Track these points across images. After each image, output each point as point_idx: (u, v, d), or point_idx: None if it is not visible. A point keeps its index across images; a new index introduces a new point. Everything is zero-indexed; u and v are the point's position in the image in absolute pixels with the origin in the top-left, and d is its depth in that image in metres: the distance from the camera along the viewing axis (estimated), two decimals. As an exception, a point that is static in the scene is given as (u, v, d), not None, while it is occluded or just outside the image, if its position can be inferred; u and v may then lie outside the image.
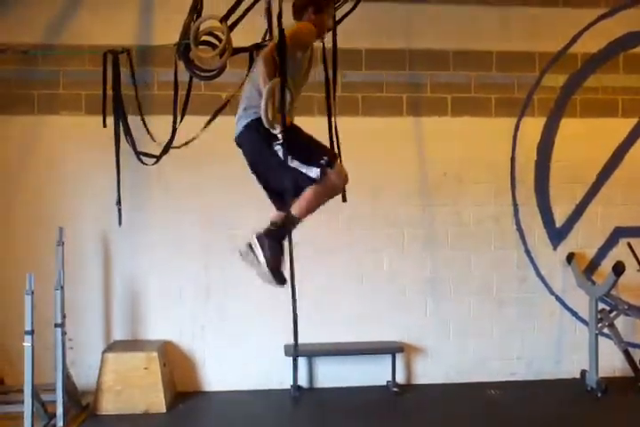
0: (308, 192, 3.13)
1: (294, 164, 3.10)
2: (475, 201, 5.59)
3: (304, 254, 5.27)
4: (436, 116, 5.56)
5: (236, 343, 5.39)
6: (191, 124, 4.30)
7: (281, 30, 2.98)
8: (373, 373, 5.44)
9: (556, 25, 5.65)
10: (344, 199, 3.60)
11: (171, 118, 4.33)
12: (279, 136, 3.04)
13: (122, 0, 5.28)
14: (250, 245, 3.16)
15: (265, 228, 3.17)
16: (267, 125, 3.00)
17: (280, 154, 3.07)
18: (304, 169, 3.11)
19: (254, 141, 3.20)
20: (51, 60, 5.21)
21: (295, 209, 3.14)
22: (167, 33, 4.17)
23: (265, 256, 3.11)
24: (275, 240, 3.13)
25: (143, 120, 4.55)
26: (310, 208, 3.18)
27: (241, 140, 3.31)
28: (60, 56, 5.19)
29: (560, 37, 5.67)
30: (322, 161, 3.12)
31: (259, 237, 3.14)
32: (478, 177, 5.58)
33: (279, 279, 3.14)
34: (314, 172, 3.11)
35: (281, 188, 3.21)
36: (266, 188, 3.38)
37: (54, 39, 5.22)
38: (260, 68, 3.10)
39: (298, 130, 3.20)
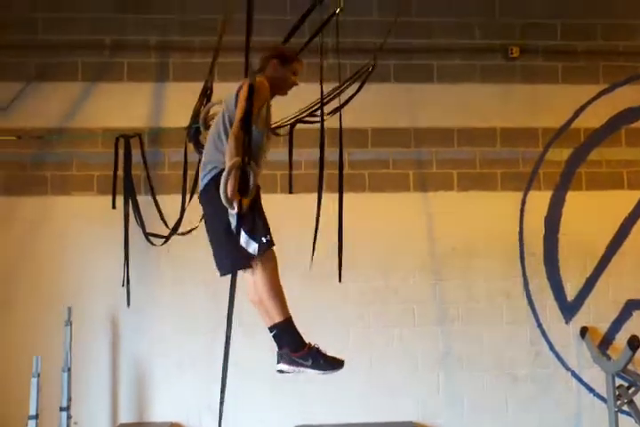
0: (256, 277, 3.08)
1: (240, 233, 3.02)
2: (484, 275, 5.56)
3: (313, 330, 5.32)
4: (442, 190, 5.62)
5: (245, 424, 5.25)
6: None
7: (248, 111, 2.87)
8: (386, 455, 5.27)
9: (556, 101, 5.78)
10: (340, 280, 3.60)
11: (180, 198, 4.40)
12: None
13: (136, 85, 5.44)
14: (290, 370, 3.14)
15: (278, 352, 3.15)
16: (224, 203, 2.91)
17: (232, 221, 3.00)
18: (243, 240, 3.03)
19: (212, 201, 3.08)
20: (65, 143, 5.33)
21: (265, 307, 3.12)
22: (178, 115, 4.30)
23: (310, 367, 3.12)
24: (296, 350, 3.11)
25: (156, 202, 4.61)
26: (270, 289, 3.11)
27: (200, 198, 3.24)
28: (74, 139, 5.33)
29: (562, 113, 5.79)
30: (264, 239, 3.07)
31: (288, 363, 3.13)
32: (487, 251, 5.57)
33: (335, 366, 3.15)
34: (252, 247, 3.05)
35: (216, 250, 3.17)
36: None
37: (68, 123, 5.36)
38: (228, 144, 3.01)
39: (255, 201, 3.11)
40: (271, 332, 3.16)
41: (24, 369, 4.45)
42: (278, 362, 3.17)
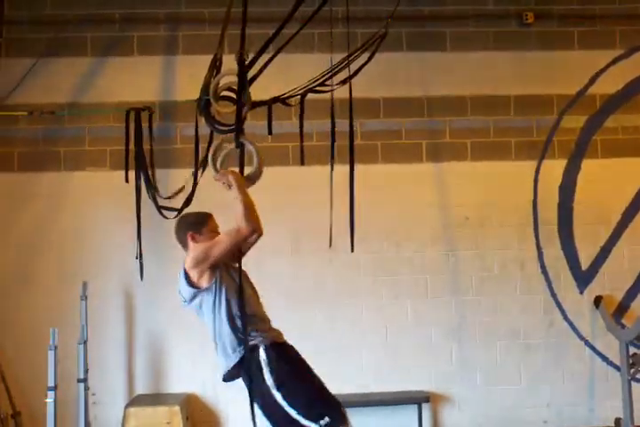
0: None
1: (290, 411, 2.89)
2: (498, 245, 5.54)
3: (327, 302, 5.36)
4: (455, 161, 5.57)
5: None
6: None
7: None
8: (400, 423, 5.33)
9: (572, 67, 5.68)
10: (352, 249, 3.73)
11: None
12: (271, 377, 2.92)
13: (146, 58, 5.43)
14: None
15: None
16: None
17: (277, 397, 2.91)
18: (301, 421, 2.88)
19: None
20: (76, 118, 5.34)
21: None
22: (189, 89, 4.27)
23: None
24: None
25: (153, 175, 4.60)
26: None
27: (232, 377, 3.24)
28: (86, 114, 5.33)
29: (577, 79, 5.69)
30: (322, 422, 2.86)
31: None
32: (501, 221, 5.55)
33: None
34: None
35: None
36: None
37: (80, 98, 5.37)
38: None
39: (296, 366, 3.08)
40: None
41: (42, 342, 4.53)
42: None
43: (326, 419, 2.89)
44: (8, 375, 4.87)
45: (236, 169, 3.25)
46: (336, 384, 4.87)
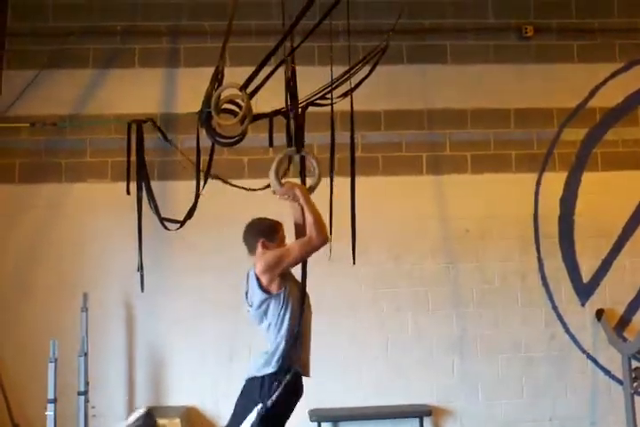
0: None
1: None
2: (499, 257, 5.53)
3: (327, 315, 5.34)
4: (455, 173, 5.58)
5: (260, 408, 5.29)
6: (215, 188, 4.35)
7: None
8: (401, 437, 5.31)
9: (572, 80, 5.70)
10: (354, 262, 3.78)
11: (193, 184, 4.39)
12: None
13: (147, 71, 5.45)
14: None
15: None
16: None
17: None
18: None
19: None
20: (78, 130, 5.35)
21: None
22: (191, 101, 4.28)
23: None
24: None
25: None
26: None
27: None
28: (87, 125, 5.34)
29: (577, 92, 5.71)
30: None
31: None
32: (501, 233, 5.54)
33: None
34: None
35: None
36: None
37: (82, 109, 5.38)
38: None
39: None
40: None
41: (42, 354, 4.51)
42: None
43: None
44: (7, 387, 4.84)
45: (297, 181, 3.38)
46: (337, 398, 4.88)
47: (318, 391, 5.25)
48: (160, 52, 5.50)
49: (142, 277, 4.60)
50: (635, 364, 5.24)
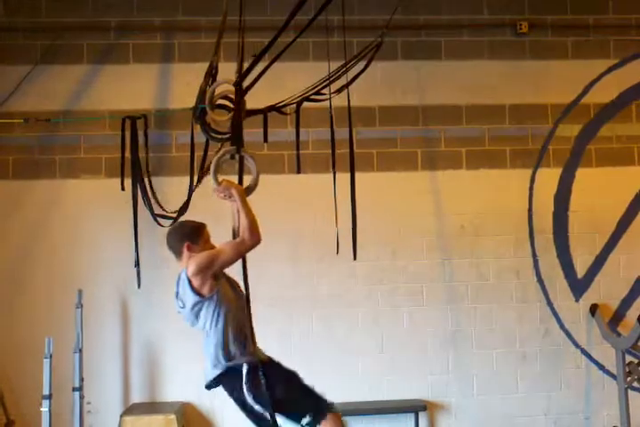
0: None
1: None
2: (494, 253, 5.55)
3: (323, 310, 5.35)
4: (450, 169, 5.59)
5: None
6: (209, 184, 4.34)
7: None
8: (396, 432, 5.32)
9: (566, 76, 5.71)
10: (355, 257, 3.57)
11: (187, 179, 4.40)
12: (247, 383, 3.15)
13: (141, 66, 5.43)
14: None
15: None
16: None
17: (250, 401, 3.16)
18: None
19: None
20: (71, 126, 5.33)
21: None
22: (185, 96, 4.28)
23: None
24: None
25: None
26: None
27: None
28: (81, 121, 5.33)
29: (571, 88, 5.72)
30: (305, 418, 3.09)
31: None
32: (496, 229, 5.55)
33: None
34: None
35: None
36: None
37: (76, 105, 5.36)
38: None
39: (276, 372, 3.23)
40: None
41: (37, 350, 4.50)
42: None
43: (308, 417, 3.13)
44: (2, 384, 4.84)
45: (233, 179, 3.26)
46: (333, 393, 4.86)
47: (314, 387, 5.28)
48: (154, 48, 5.48)
49: (139, 273, 4.61)
50: (628, 358, 5.27)
